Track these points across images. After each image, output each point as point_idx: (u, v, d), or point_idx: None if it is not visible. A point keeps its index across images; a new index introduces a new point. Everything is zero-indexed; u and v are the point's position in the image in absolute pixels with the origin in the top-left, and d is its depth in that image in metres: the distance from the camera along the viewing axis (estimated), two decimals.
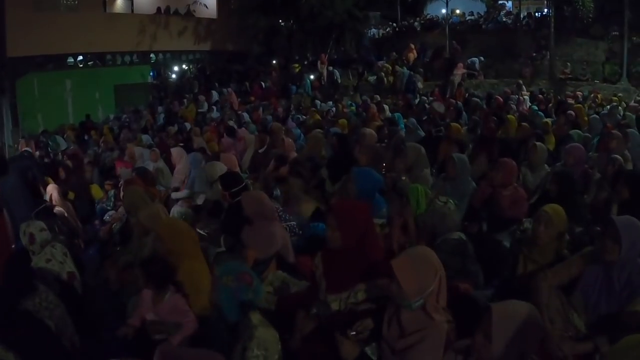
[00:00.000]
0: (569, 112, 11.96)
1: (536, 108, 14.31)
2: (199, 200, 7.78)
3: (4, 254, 5.57)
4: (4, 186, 7.79)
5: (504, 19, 28.04)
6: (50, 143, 17.52)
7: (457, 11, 30.08)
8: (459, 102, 15.26)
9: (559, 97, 17.24)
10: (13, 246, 6.22)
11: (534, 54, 23.46)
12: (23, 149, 12.83)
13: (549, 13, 23.76)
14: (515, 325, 2.64)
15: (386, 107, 15.19)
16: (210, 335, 3.69)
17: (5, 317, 3.83)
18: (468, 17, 29.83)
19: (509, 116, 11.44)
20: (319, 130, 10.40)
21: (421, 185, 5.37)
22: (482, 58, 23.34)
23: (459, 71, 20.55)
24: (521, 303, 2.79)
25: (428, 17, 31.13)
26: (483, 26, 27.67)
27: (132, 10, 28.65)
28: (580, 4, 23.60)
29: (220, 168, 7.26)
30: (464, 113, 13.28)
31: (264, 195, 5.34)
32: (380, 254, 3.86)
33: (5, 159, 8.65)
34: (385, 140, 9.80)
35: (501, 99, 15.12)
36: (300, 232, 5.64)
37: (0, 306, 3.89)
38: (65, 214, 7.86)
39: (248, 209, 5.05)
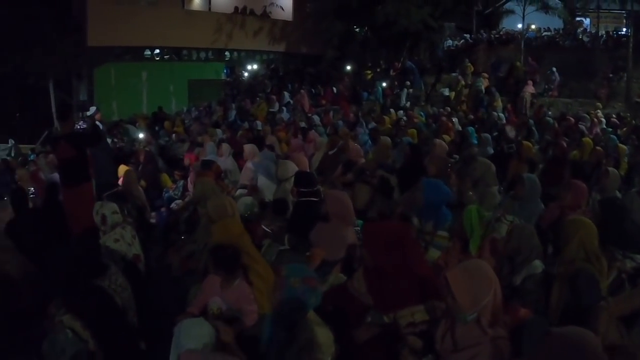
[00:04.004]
0: None
1: (610, 130, 13.98)
2: (267, 197, 7.88)
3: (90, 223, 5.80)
4: (96, 157, 8.21)
5: (581, 37, 27.46)
6: (122, 131, 18.16)
7: (533, 26, 29.62)
8: (531, 119, 15.05)
9: (634, 122, 16.75)
10: None
11: (611, 75, 22.66)
12: None
13: (628, 33, 23.12)
14: (576, 353, 2.52)
15: (455, 120, 15.13)
16: (265, 334, 3.75)
17: (77, 289, 4.04)
18: (544, 33, 29.34)
19: (584, 139, 11.23)
20: (387, 137, 10.43)
21: (476, 207, 5.27)
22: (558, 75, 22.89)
23: (529, 88, 20.28)
24: (583, 330, 2.66)
25: (503, 30, 30.78)
26: (560, 43, 27.16)
27: (210, 9, 29.29)
28: None
29: (292, 167, 7.32)
30: (535, 132, 13.09)
31: (348, 198, 5.35)
32: (427, 272, 3.84)
33: (99, 131, 9.03)
34: (454, 155, 9.79)
35: (572, 120, 14.81)
36: None
37: (73, 278, 4.10)
38: (136, 199, 8.12)
39: (330, 207, 5.08)
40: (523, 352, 3.15)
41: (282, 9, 30.66)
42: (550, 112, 18.28)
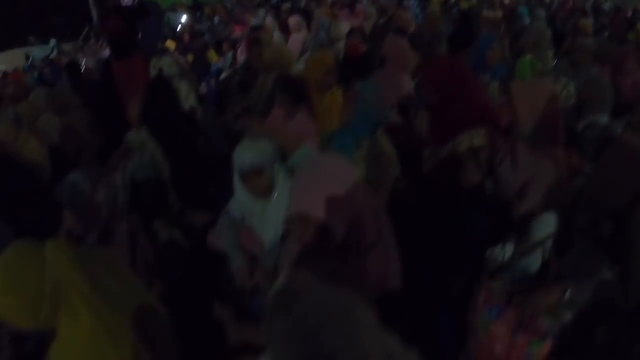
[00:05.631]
0: None
1: None
2: None
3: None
4: (145, 29, 8.25)
5: None
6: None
7: None
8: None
9: None
10: None
11: None
12: None
13: None
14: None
15: None
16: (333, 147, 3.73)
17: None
18: None
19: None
20: (435, 8, 10.20)
21: (530, 57, 5.18)
22: None
23: None
24: None
25: None
26: None
27: None
28: None
29: (345, 27, 7.35)
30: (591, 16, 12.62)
31: (407, 44, 5.34)
32: (486, 99, 3.82)
33: (145, 3, 9.02)
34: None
35: (630, 12, 14.22)
36: None
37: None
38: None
39: (387, 51, 5.11)
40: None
41: None
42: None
